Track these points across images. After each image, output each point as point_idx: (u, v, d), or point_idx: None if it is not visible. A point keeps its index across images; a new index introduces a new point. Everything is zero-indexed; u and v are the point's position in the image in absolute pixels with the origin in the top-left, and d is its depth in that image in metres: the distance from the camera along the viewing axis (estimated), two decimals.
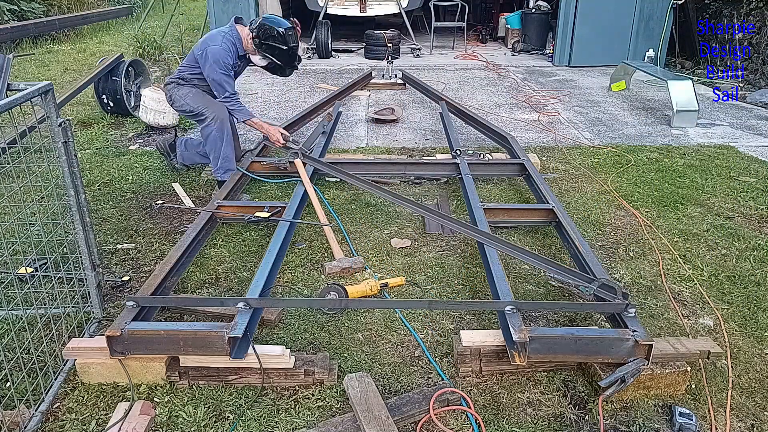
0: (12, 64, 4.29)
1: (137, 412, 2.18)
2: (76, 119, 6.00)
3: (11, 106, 2.15)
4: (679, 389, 2.36)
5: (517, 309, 2.45)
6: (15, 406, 2.17)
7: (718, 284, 3.16)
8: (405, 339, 2.70)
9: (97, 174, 4.61)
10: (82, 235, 2.61)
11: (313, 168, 4.10)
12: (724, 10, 8.42)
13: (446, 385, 2.35)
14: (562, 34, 9.02)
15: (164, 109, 5.50)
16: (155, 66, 8.38)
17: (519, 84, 7.95)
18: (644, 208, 4.07)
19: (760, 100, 6.95)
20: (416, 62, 9.30)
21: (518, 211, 3.69)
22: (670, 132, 5.86)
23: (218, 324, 2.40)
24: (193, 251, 3.12)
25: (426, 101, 6.67)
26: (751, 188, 4.41)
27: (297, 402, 2.31)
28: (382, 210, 4.00)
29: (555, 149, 5.30)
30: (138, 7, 14.93)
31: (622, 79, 7.57)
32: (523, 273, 3.24)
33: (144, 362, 2.36)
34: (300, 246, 3.49)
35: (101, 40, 11.17)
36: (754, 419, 2.27)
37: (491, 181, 4.51)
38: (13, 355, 2.43)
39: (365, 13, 9.81)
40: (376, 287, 2.99)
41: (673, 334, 2.72)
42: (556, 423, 2.24)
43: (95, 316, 2.77)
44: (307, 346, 2.63)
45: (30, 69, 8.41)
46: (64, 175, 2.51)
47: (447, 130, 5.06)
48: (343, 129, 5.84)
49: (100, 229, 3.69)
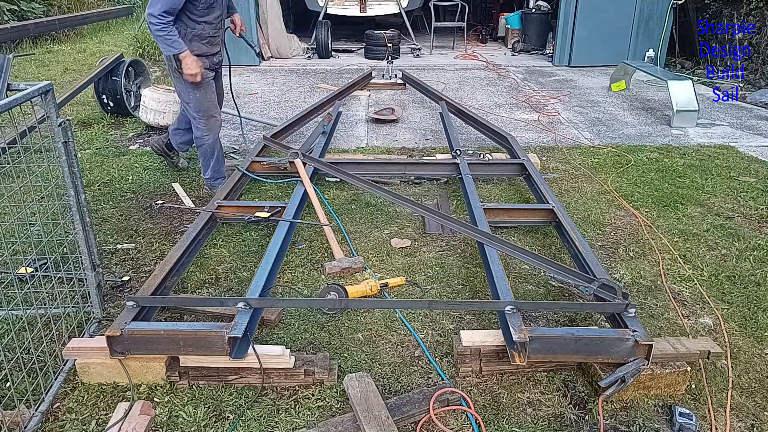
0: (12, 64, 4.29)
1: (137, 412, 2.18)
2: (76, 119, 6.00)
3: (11, 106, 2.15)
4: (679, 389, 2.36)
5: (517, 309, 2.45)
6: (15, 406, 2.17)
7: (718, 284, 3.16)
8: (405, 339, 2.70)
9: (97, 174, 4.61)
10: (82, 235, 2.61)
11: (313, 168, 4.10)
12: (724, 10, 8.42)
13: (446, 385, 2.35)
14: (562, 34, 9.02)
15: (164, 109, 5.50)
16: (155, 66, 8.38)
17: (519, 84, 7.95)
18: (644, 208, 4.07)
19: (760, 100, 6.95)
20: (416, 62, 9.30)
21: (518, 211, 3.69)
22: (670, 132, 5.86)
23: (218, 324, 2.40)
24: (193, 251, 3.12)
25: (426, 101, 6.67)
26: (751, 188, 4.41)
27: (297, 402, 2.31)
28: (382, 210, 4.00)
29: (555, 149, 5.30)
30: (138, 7, 14.91)
31: (622, 79, 7.57)
32: (523, 273, 3.24)
33: (144, 362, 2.36)
34: (300, 246, 3.49)
35: (101, 40, 11.17)
36: (754, 419, 2.27)
37: (491, 181, 4.51)
38: (13, 355, 2.43)
39: (365, 13, 9.81)
40: (376, 287, 2.99)
41: (673, 334, 2.72)
42: (556, 423, 2.24)
43: (95, 316, 2.77)
44: (307, 346, 2.63)
45: (30, 69, 8.41)
46: (64, 175, 2.51)
47: (447, 130, 5.06)
48: (343, 129, 5.84)
49: (100, 229, 3.69)
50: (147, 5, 3.51)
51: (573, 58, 9.06)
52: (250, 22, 8.54)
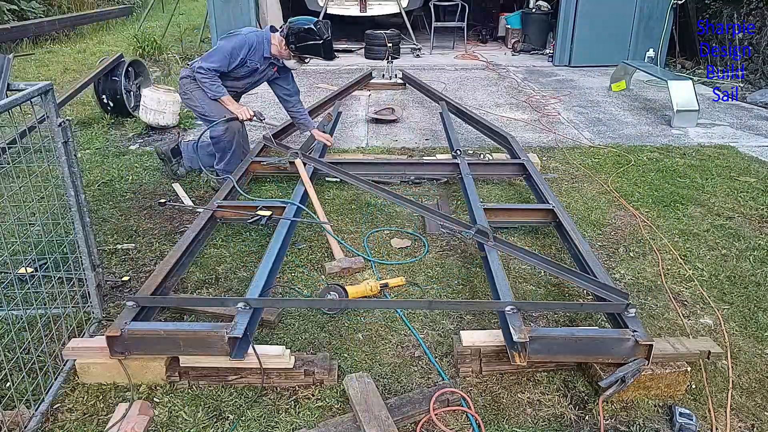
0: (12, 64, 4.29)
1: (136, 412, 2.18)
2: (76, 119, 6.00)
3: (11, 106, 2.15)
4: (679, 389, 2.36)
5: (517, 309, 2.45)
6: (15, 406, 2.17)
7: (718, 284, 3.16)
8: (405, 339, 2.70)
9: (97, 174, 4.60)
10: (82, 235, 2.61)
11: (313, 168, 4.10)
12: (724, 10, 8.41)
13: (446, 386, 2.35)
14: (562, 34, 9.01)
15: (164, 109, 5.50)
16: (155, 66, 8.38)
17: (519, 84, 7.95)
18: (644, 208, 4.07)
19: (760, 100, 6.95)
20: (416, 62, 9.29)
21: (518, 211, 3.69)
22: (671, 132, 5.85)
23: (218, 324, 2.40)
24: (193, 251, 3.12)
25: (426, 101, 6.67)
26: (751, 188, 4.41)
27: (297, 402, 2.31)
28: (382, 210, 4.00)
29: (555, 149, 5.30)
30: (138, 7, 14.92)
31: (622, 79, 7.57)
32: (523, 273, 3.24)
33: (144, 362, 2.36)
34: (300, 246, 3.49)
35: (101, 40, 11.17)
36: (754, 419, 2.27)
37: (491, 181, 4.50)
38: (13, 355, 2.42)
39: (365, 13, 9.81)
40: (376, 287, 2.99)
41: (673, 334, 2.72)
42: (557, 423, 2.24)
43: (95, 316, 2.77)
44: (307, 346, 2.63)
45: (30, 69, 8.41)
46: (64, 175, 2.51)
47: (447, 130, 5.06)
48: (343, 129, 5.84)
49: (100, 229, 3.69)
50: (200, 59, 4.03)
51: (573, 58, 9.06)
52: (250, 22, 8.54)
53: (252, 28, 4.27)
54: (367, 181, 3.78)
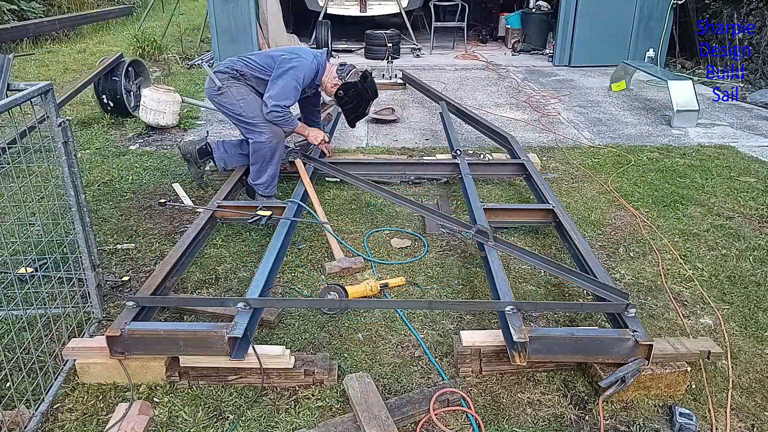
0: (12, 64, 4.29)
1: (136, 412, 2.18)
2: (76, 119, 6.00)
3: (11, 106, 2.15)
4: (679, 389, 2.36)
5: (517, 309, 2.45)
6: (15, 406, 2.17)
7: (718, 284, 3.16)
8: (405, 339, 2.70)
9: (97, 174, 4.60)
10: (82, 235, 2.61)
11: (313, 168, 4.10)
12: (724, 10, 8.41)
13: (446, 386, 2.35)
14: (562, 34, 9.01)
15: (164, 109, 5.50)
16: (155, 66, 8.38)
17: (519, 84, 7.95)
18: (644, 208, 4.07)
19: (760, 100, 6.95)
20: (416, 62, 9.30)
21: (518, 211, 3.69)
22: (671, 132, 5.85)
23: (218, 324, 2.40)
24: (193, 251, 3.12)
25: (426, 101, 6.67)
26: (751, 188, 4.41)
27: (297, 402, 2.31)
28: (382, 210, 4.00)
29: (555, 149, 5.30)
30: (138, 7, 14.92)
31: (622, 79, 7.57)
32: (523, 273, 3.24)
33: (144, 362, 2.36)
34: (300, 246, 3.49)
35: (101, 40, 11.17)
36: (754, 419, 2.27)
37: (491, 181, 4.50)
38: (13, 355, 2.42)
39: (365, 13, 9.81)
40: (376, 287, 2.99)
41: (673, 334, 2.72)
42: (557, 423, 2.24)
43: (95, 316, 2.77)
44: (307, 346, 2.63)
45: (30, 69, 8.41)
46: (64, 175, 2.51)
47: (447, 130, 5.05)
48: (343, 129, 5.83)
49: (100, 229, 3.69)
50: (272, 93, 3.70)
51: (573, 58, 9.06)
52: (250, 22, 8.54)
53: (308, 50, 3.97)
54: (367, 181, 3.78)
